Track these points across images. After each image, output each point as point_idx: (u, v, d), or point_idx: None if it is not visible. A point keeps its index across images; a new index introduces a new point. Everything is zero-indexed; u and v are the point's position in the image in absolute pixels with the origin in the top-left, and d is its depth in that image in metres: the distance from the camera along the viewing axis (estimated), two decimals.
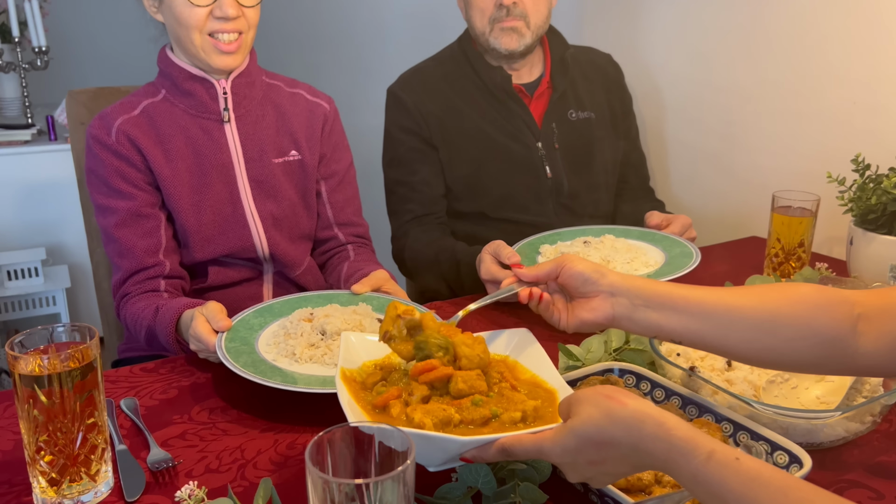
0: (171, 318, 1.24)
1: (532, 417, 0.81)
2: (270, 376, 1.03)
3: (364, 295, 1.32)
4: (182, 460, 0.93)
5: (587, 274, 0.88)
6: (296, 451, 0.96)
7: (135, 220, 1.39)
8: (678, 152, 2.13)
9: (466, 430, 0.79)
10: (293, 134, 1.52)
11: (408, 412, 0.80)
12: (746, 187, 1.95)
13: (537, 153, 1.74)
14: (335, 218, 1.60)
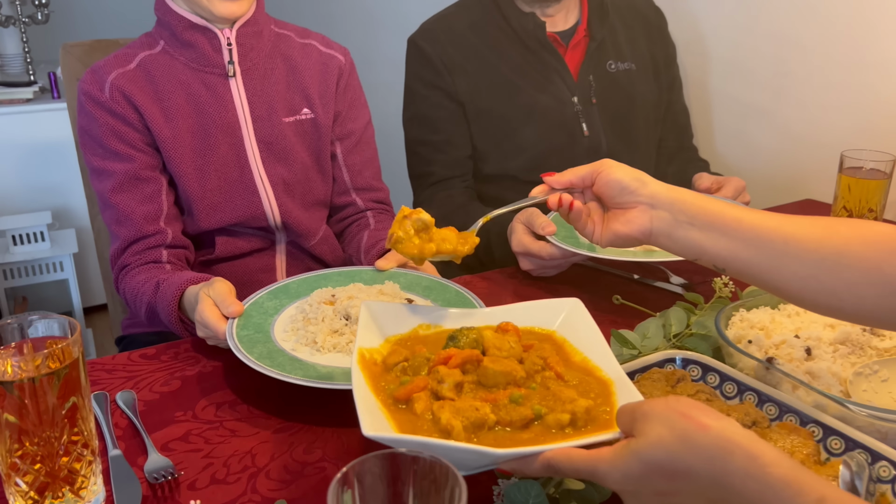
0: (173, 296, 1.11)
1: (583, 421, 0.68)
2: (290, 370, 0.91)
3: (390, 272, 1.18)
4: (184, 472, 0.81)
5: (625, 182, 0.80)
6: (314, 456, 0.83)
7: (133, 183, 1.26)
8: (724, 107, 1.96)
9: (503, 435, 0.67)
10: (305, 90, 1.38)
11: (434, 410, 0.68)
12: (800, 145, 1.79)
13: (572, 109, 1.58)
14: (352, 182, 1.46)
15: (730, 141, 1.97)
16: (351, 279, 1.16)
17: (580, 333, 0.81)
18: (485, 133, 1.59)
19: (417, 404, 0.69)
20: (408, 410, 0.70)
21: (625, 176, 0.80)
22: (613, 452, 0.59)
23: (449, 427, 0.65)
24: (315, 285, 1.14)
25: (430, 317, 0.86)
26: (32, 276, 2.75)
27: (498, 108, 1.57)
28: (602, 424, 0.68)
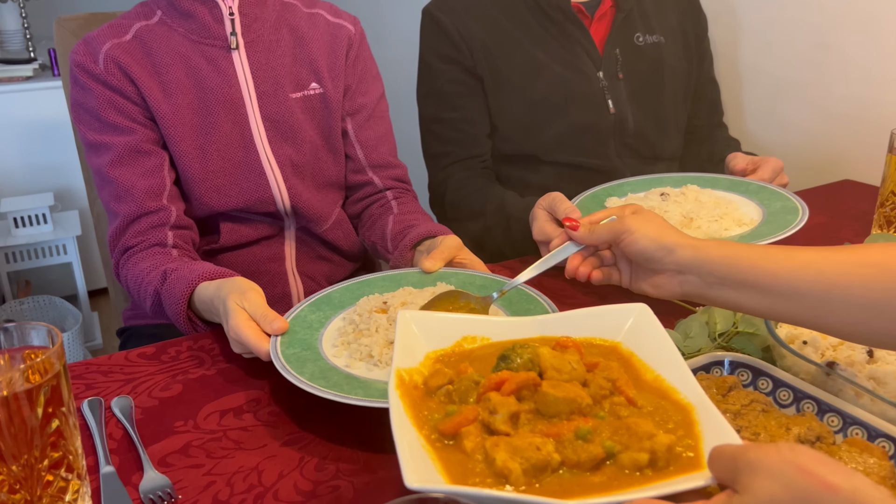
0: (182, 293, 1.01)
1: (664, 461, 0.57)
2: (348, 390, 0.80)
3: (440, 272, 1.08)
4: (183, 493, 0.73)
5: (649, 252, 0.79)
6: (327, 473, 0.75)
7: (133, 157, 1.16)
8: (755, 82, 1.86)
9: (570, 479, 0.56)
10: (313, 63, 1.28)
11: (487, 448, 0.58)
12: (840, 122, 1.68)
13: (598, 84, 1.48)
14: (368, 159, 1.36)
15: (761, 118, 1.86)
16: (398, 283, 1.05)
17: (650, 346, 0.70)
18: (504, 110, 1.49)
19: (467, 441, 0.59)
20: (456, 448, 0.59)
21: (649, 245, 0.78)
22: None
23: (506, 471, 0.55)
24: (359, 293, 1.03)
25: (475, 327, 0.75)
26: (35, 260, 2.68)
27: (519, 83, 1.48)
28: (686, 464, 0.57)
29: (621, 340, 0.73)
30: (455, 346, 0.73)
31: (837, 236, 1.34)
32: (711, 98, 1.68)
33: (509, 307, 0.97)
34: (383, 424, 0.80)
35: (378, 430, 0.81)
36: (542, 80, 1.47)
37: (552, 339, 0.73)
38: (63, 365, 0.63)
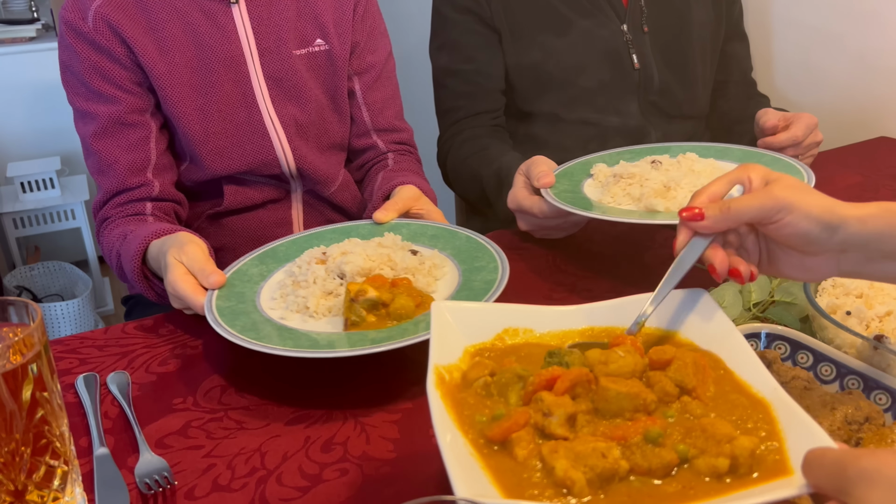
0: (136, 250, 0.99)
1: (746, 467, 0.50)
2: (279, 341, 0.78)
3: (391, 223, 1.05)
4: (179, 479, 0.68)
5: (812, 236, 0.62)
6: (334, 454, 0.71)
7: (117, 129, 1.12)
8: (786, 34, 1.76)
9: (640, 489, 0.50)
10: (318, 17, 1.21)
11: (545, 456, 0.51)
12: (876, 75, 1.59)
13: (622, 38, 1.40)
14: (373, 123, 1.30)
15: (793, 73, 1.77)
16: (347, 235, 1.03)
17: (713, 335, 0.63)
18: (523, 65, 1.41)
19: (518, 448, 0.52)
20: (506, 455, 0.53)
21: (811, 228, 0.62)
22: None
23: (568, 481, 0.49)
24: (306, 245, 1.00)
25: (517, 318, 0.67)
26: (44, 225, 2.65)
27: (538, 36, 1.39)
28: (771, 468, 0.50)
29: (680, 331, 0.65)
30: (496, 339, 0.66)
31: (875, 197, 1.26)
32: (740, 53, 1.58)
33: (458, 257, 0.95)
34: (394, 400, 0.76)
35: (385, 405, 0.77)
36: (563, 33, 1.39)
37: (600, 329, 0.66)
38: (44, 344, 0.58)
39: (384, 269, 0.89)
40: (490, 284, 0.85)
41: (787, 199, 0.62)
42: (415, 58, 1.57)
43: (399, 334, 0.78)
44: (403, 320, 0.81)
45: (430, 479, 0.68)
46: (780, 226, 0.63)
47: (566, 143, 1.46)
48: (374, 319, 0.81)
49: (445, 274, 0.92)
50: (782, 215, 0.62)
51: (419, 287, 0.87)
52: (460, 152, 1.38)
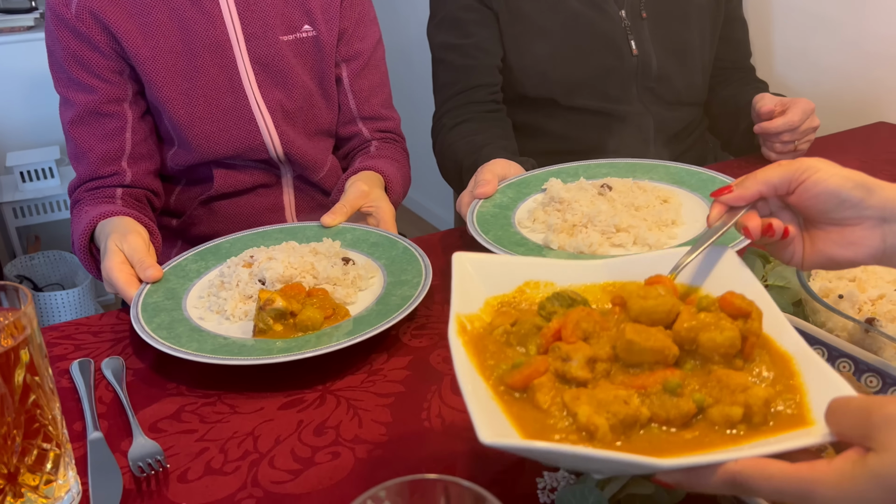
0: (84, 229, 1.01)
1: (761, 417, 0.50)
2: (186, 343, 0.80)
3: (339, 227, 1.05)
4: (172, 463, 0.68)
5: (845, 192, 0.59)
6: (326, 438, 0.71)
7: (93, 118, 1.13)
8: (785, 20, 1.75)
9: (660, 435, 0.51)
10: (305, 4, 1.21)
11: (567, 402, 0.52)
12: (873, 61, 1.58)
13: (620, 24, 1.39)
14: (359, 111, 1.30)
15: (791, 59, 1.76)
16: (292, 236, 1.03)
17: (737, 291, 0.60)
18: (521, 49, 1.40)
19: (540, 395, 0.53)
20: (528, 402, 0.53)
21: (843, 184, 0.59)
22: (840, 472, 0.43)
23: (591, 426, 0.49)
24: (250, 244, 1.01)
25: (538, 271, 0.67)
26: (44, 215, 2.65)
27: (537, 21, 1.39)
28: (787, 420, 0.50)
29: (703, 285, 0.64)
30: (517, 291, 0.65)
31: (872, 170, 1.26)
32: (739, 38, 1.58)
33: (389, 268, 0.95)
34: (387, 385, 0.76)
35: (378, 389, 0.77)
36: (561, 17, 1.38)
37: (622, 284, 0.65)
38: (35, 327, 0.58)
39: (306, 278, 0.89)
40: (405, 300, 0.85)
41: (813, 162, 0.60)
42: (416, 46, 1.57)
43: (298, 346, 0.78)
44: (309, 332, 0.82)
45: (423, 461, 0.68)
46: (808, 185, 0.60)
47: (564, 130, 1.45)
48: (280, 329, 0.82)
49: (371, 285, 0.92)
50: (809, 173, 0.60)
51: (338, 298, 0.88)
52: (449, 136, 1.36)
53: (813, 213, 0.62)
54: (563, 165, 1.15)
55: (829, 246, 0.62)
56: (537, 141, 1.48)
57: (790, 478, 0.45)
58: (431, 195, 3.16)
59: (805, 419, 0.50)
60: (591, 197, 1.02)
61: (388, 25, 1.47)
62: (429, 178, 1.40)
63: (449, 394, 0.77)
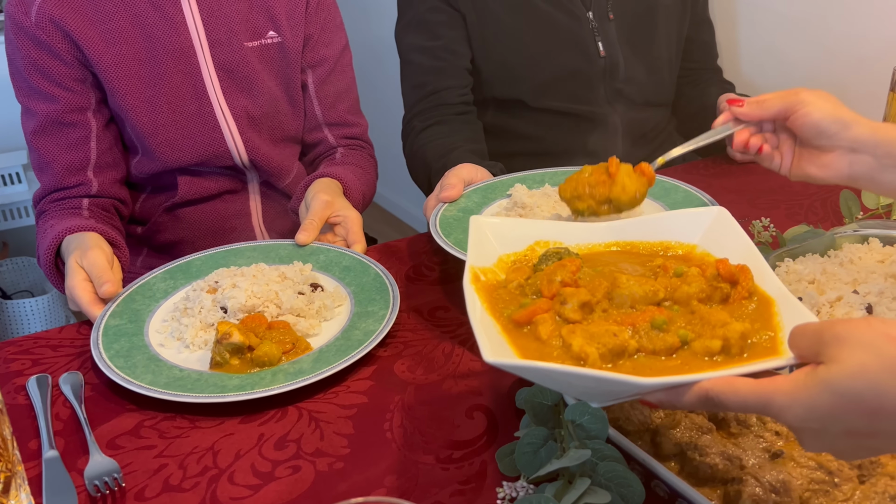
0: (50, 244, 1.00)
1: (738, 349, 0.56)
2: (140, 373, 0.78)
3: (312, 247, 1.02)
4: (129, 480, 0.68)
5: (824, 125, 0.74)
6: (287, 452, 0.70)
7: (56, 128, 1.11)
8: (752, 20, 1.76)
9: (645, 363, 0.57)
10: (270, 10, 1.20)
11: (564, 335, 0.59)
12: (840, 61, 1.59)
13: (587, 25, 1.40)
14: (325, 117, 1.30)
15: (758, 58, 1.77)
16: (263, 255, 1.01)
17: (729, 247, 0.69)
18: (489, 50, 1.40)
19: (542, 328, 0.60)
20: (531, 335, 0.60)
21: (823, 118, 0.74)
22: (794, 382, 0.49)
23: (583, 354, 0.56)
24: (222, 262, 0.99)
25: (548, 232, 0.75)
26: (11, 221, 2.60)
27: (504, 22, 1.38)
28: (763, 352, 0.56)
29: (698, 243, 0.72)
30: (528, 250, 0.73)
31: None
32: (705, 39, 1.59)
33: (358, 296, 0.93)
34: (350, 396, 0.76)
35: (340, 401, 0.76)
36: (529, 19, 1.38)
37: (625, 243, 0.74)
38: None
39: (269, 307, 0.87)
40: (368, 335, 0.83)
41: (807, 97, 0.76)
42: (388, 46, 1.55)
43: (252, 383, 0.76)
44: (266, 367, 0.80)
45: (384, 474, 0.68)
46: (798, 116, 0.76)
47: (534, 131, 1.46)
48: (237, 363, 0.80)
49: (337, 315, 0.90)
50: (801, 107, 0.76)
51: (301, 330, 0.86)
52: (418, 139, 1.36)
53: (800, 137, 0.78)
54: (529, 172, 1.15)
55: (808, 164, 0.78)
56: (507, 142, 1.48)
57: (753, 390, 0.50)
58: (407, 194, 3.15)
59: (777, 350, 0.56)
60: (553, 203, 1.02)
61: (359, 26, 1.47)
62: (404, 177, 1.40)
63: (412, 404, 0.77)
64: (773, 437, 0.66)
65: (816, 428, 0.49)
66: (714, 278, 0.64)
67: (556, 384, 0.62)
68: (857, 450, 0.50)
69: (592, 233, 0.75)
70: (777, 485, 0.59)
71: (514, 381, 0.79)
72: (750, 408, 0.51)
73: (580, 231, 0.75)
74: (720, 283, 0.64)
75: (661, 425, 0.67)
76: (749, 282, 0.64)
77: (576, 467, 0.61)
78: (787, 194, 1.22)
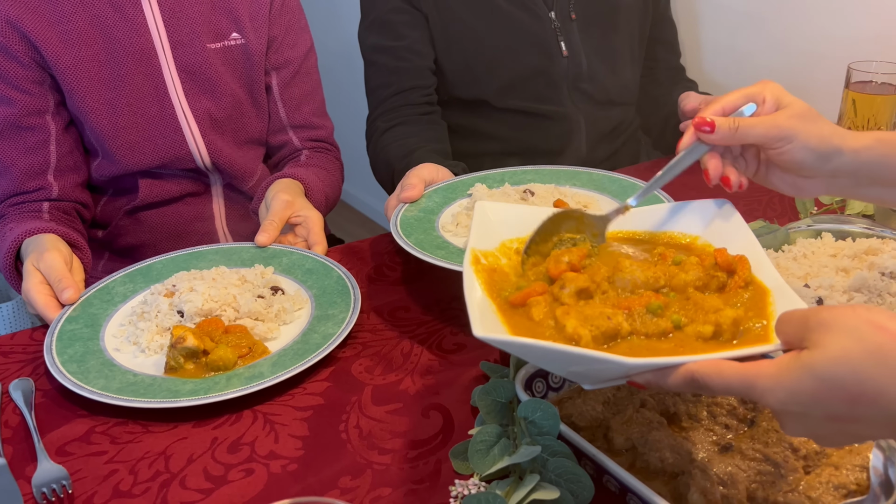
0: (9, 248, 0.99)
1: (730, 334, 0.58)
2: (93, 379, 0.77)
3: (271, 249, 1.01)
4: (78, 487, 0.67)
5: (807, 164, 0.69)
6: (240, 455, 0.70)
7: (14, 132, 1.10)
8: (713, 18, 1.78)
9: (638, 344, 0.58)
10: (233, 11, 1.19)
11: (558, 316, 0.59)
12: (801, 58, 1.62)
13: (550, 25, 1.40)
14: (289, 119, 1.29)
15: (719, 56, 1.79)
16: (225, 258, 1.00)
17: (731, 239, 0.69)
18: (453, 50, 1.40)
19: (535, 309, 0.61)
20: (525, 315, 0.61)
21: (807, 157, 0.68)
22: (778, 366, 0.49)
23: (576, 336, 0.57)
24: (183, 265, 0.98)
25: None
26: None
27: (467, 22, 1.39)
28: (755, 339, 0.57)
29: (701, 234, 0.72)
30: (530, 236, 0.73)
31: None
32: (668, 39, 1.60)
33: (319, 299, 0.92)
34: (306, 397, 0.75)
35: (296, 403, 0.76)
36: (491, 19, 1.38)
37: (631, 233, 0.74)
38: None
39: (227, 311, 0.87)
40: (326, 339, 0.82)
41: (791, 130, 0.68)
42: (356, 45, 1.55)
43: (206, 388, 0.76)
44: (220, 371, 0.79)
45: (337, 474, 0.67)
46: (779, 153, 0.69)
47: (498, 131, 1.46)
48: (192, 367, 0.79)
49: (297, 318, 0.89)
50: (782, 144, 0.68)
51: (258, 334, 0.85)
52: (382, 140, 1.35)
53: (779, 167, 0.71)
54: (489, 171, 1.15)
55: (779, 183, 0.73)
56: (472, 142, 1.48)
57: (738, 373, 0.50)
58: (375, 193, 3.14)
59: (768, 338, 0.57)
60: (513, 202, 1.02)
61: (324, 26, 1.46)
62: (371, 175, 1.39)
63: (369, 404, 0.76)
64: (723, 430, 0.67)
65: (798, 412, 0.49)
66: (712, 267, 0.65)
67: (546, 362, 0.63)
68: (837, 435, 0.50)
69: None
70: (725, 477, 0.60)
71: (470, 379, 0.79)
72: (734, 391, 0.51)
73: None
74: (717, 272, 0.65)
75: (613, 421, 0.68)
76: (746, 272, 0.65)
77: (526, 464, 0.62)
78: (747, 191, 1.23)
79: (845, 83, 1.26)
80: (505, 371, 0.75)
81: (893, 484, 0.59)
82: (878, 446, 0.61)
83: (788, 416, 0.50)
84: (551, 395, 0.72)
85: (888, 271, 0.85)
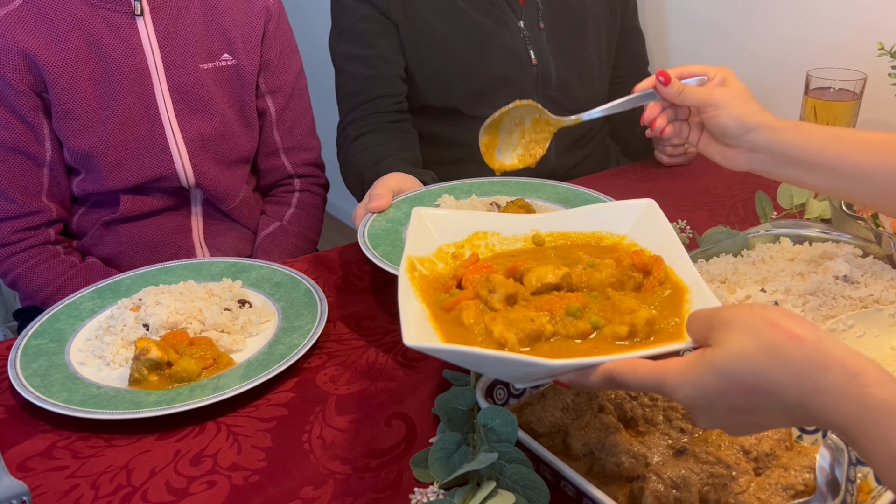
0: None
1: (644, 334, 0.61)
2: (56, 392, 0.77)
3: (242, 262, 1.02)
4: (39, 500, 0.67)
5: (729, 130, 0.82)
6: (203, 467, 0.70)
7: (10, 155, 1.12)
8: (680, 26, 1.81)
9: (560, 345, 0.61)
10: (225, 33, 1.21)
11: (486, 322, 0.62)
12: (763, 65, 1.65)
13: (519, 35, 1.42)
14: (283, 142, 1.32)
15: (686, 63, 1.81)
16: (195, 273, 1.00)
17: (654, 237, 0.73)
18: (422, 59, 1.41)
19: (466, 314, 0.63)
20: (456, 322, 0.64)
21: (730, 123, 0.82)
22: (685, 363, 0.53)
23: (503, 339, 0.60)
24: (152, 281, 0.98)
25: (486, 223, 0.79)
26: None
27: (436, 31, 1.40)
28: (668, 337, 0.60)
29: (627, 233, 0.76)
30: (467, 240, 0.77)
31: (760, 181, 1.31)
32: (636, 48, 1.62)
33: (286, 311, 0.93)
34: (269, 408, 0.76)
35: (260, 414, 0.76)
36: (461, 28, 1.40)
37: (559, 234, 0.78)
38: None
39: (192, 323, 0.87)
40: (291, 349, 0.83)
41: (721, 99, 0.82)
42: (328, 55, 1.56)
43: (169, 399, 0.76)
44: (184, 383, 0.80)
45: (299, 485, 0.68)
46: (708, 117, 0.84)
47: (469, 139, 1.47)
48: (155, 379, 0.80)
49: (264, 330, 0.90)
50: (712, 110, 0.83)
51: (223, 346, 0.85)
52: (352, 147, 1.36)
53: (708, 131, 0.86)
54: (456, 182, 1.17)
55: (713, 151, 0.87)
56: (443, 150, 1.50)
57: (650, 371, 0.54)
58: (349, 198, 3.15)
59: (681, 336, 0.59)
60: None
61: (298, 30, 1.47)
62: None
63: (332, 414, 0.77)
64: (678, 434, 0.68)
65: (704, 406, 0.52)
66: (629, 268, 0.69)
67: (476, 366, 0.65)
68: (740, 426, 0.53)
69: (528, 224, 0.79)
70: (678, 480, 0.61)
71: (433, 388, 0.80)
72: (647, 387, 0.54)
73: (518, 222, 0.79)
74: (634, 273, 0.68)
75: (572, 426, 0.69)
76: (661, 272, 0.68)
77: (484, 471, 0.62)
78: (711, 196, 1.26)
79: (805, 89, 1.29)
80: (467, 379, 0.76)
81: (840, 483, 0.61)
82: (826, 446, 0.63)
83: (696, 410, 0.53)
84: (512, 401, 0.73)
85: (841, 275, 0.87)
